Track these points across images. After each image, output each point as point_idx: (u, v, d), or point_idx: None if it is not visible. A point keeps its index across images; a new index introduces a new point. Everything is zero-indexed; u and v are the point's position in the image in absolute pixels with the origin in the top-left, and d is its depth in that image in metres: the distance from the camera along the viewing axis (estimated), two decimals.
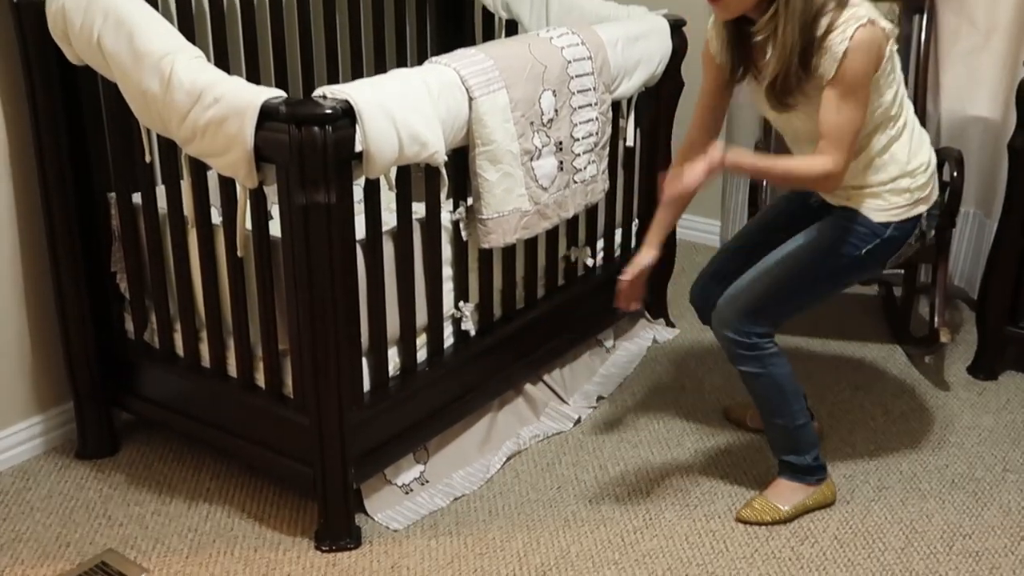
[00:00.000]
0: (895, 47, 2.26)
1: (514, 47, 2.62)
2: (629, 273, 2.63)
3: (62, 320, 2.66)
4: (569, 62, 2.68)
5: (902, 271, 3.56)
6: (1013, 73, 3.31)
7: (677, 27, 3.15)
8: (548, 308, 2.99)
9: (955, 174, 3.17)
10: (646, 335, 3.49)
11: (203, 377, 2.61)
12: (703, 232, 4.27)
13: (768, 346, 2.45)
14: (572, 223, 3.00)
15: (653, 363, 3.38)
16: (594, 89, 2.77)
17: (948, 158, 3.23)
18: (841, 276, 2.45)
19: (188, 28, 2.76)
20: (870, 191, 2.35)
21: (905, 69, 3.50)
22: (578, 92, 2.71)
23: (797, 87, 2.23)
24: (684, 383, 3.26)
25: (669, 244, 3.46)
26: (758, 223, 2.70)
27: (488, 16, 3.54)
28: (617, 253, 3.31)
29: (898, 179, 2.35)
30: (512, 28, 3.47)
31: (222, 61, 2.87)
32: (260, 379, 2.50)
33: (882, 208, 2.35)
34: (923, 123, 3.51)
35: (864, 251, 2.36)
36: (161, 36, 2.27)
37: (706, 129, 2.53)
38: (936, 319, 3.22)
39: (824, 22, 2.16)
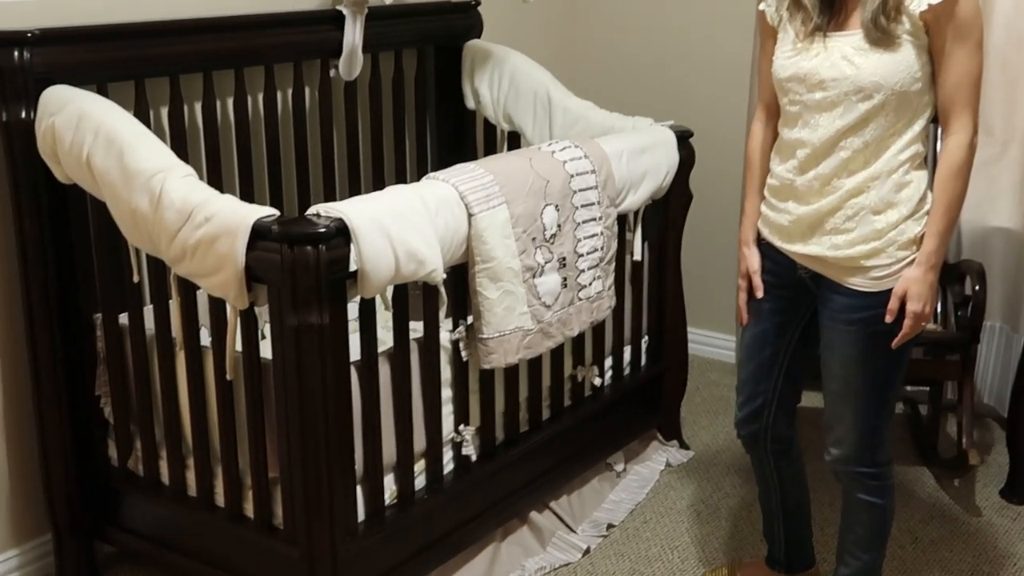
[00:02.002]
0: None
1: (515, 161, 2.68)
2: (744, 289, 2.51)
3: (42, 447, 2.67)
4: (572, 176, 2.73)
5: (927, 388, 3.56)
6: None
7: (684, 138, 3.21)
8: (554, 431, 2.98)
9: (977, 288, 3.19)
10: (659, 458, 3.48)
11: (189, 507, 2.60)
12: (718, 348, 4.28)
13: (891, 474, 2.44)
14: (578, 341, 3.02)
15: (667, 488, 3.36)
16: (598, 203, 2.81)
17: (969, 271, 3.25)
18: (903, 355, 2.33)
19: (181, 143, 2.83)
20: (874, 239, 2.22)
21: None
22: (582, 206, 2.76)
23: (898, 20, 2.13)
24: (700, 509, 3.23)
25: (681, 360, 3.49)
26: (762, 328, 2.52)
27: (490, 128, 3.62)
28: (626, 371, 3.32)
29: (909, 219, 2.23)
30: (515, 140, 3.55)
31: (215, 177, 2.93)
32: (249, 509, 2.49)
33: (887, 271, 2.24)
34: None
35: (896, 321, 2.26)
36: (152, 154, 2.33)
37: (774, 93, 2.38)
38: (964, 440, 3.20)
39: None
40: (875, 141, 2.20)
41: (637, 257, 3.17)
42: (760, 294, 2.48)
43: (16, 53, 2.45)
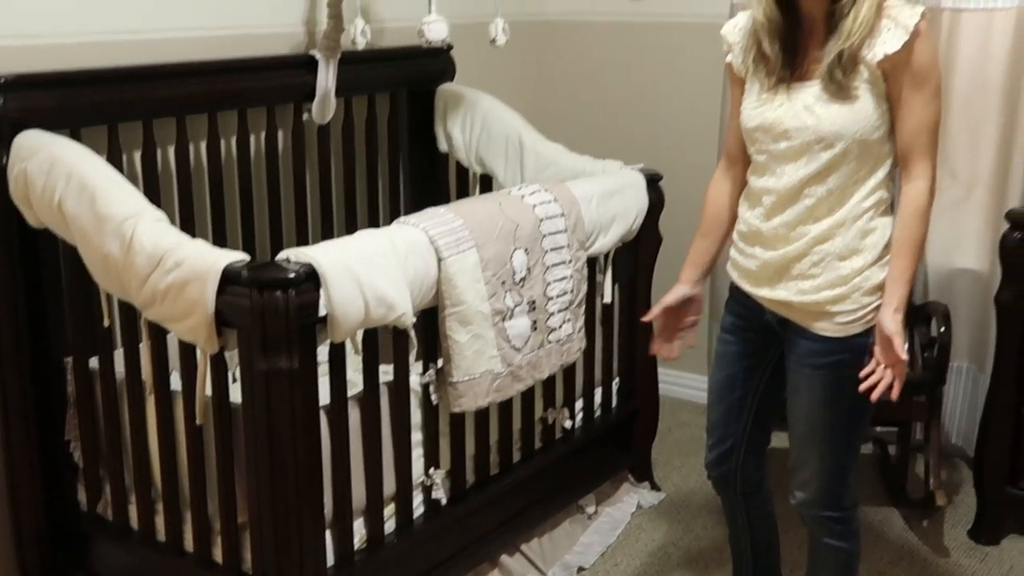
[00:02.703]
0: None
1: (485, 205, 2.71)
2: (650, 313, 2.60)
3: (11, 491, 2.66)
4: (542, 220, 2.77)
5: (895, 429, 3.60)
6: (996, 226, 3.41)
7: (653, 181, 3.25)
8: (525, 473, 3.00)
9: (942, 329, 3.24)
10: (630, 500, 3.49)
11: (158, 552, 2.60)
12: (689, 388, 4.30)
13: (857, 518, 2.47)
14: (549, 383, 3.03)
15: (638, 530, 3.37)
16: (568, 246, 2.85)
17: (935, 313, 3.30)
18: (868, 400, 2.28)
19: (154, 188, 2.85)
20: (840, 285, 2.26)
21: None
22: (551, 250, 2.79)
23: (855, 65, 2.17)
24: (670, 551, 3.24)
25: (652, 401, 3.51)
26: (731, 372, 2.55)
27: (462, 171, 3.65)
28: (597, 413, 3.34)
29: (875, 265, 2.26)
30: (487, 182, 3.58)
31: (188, 222, 2.95)
32: (218, 554, 2.49)
33: (852, 317, 2.27)
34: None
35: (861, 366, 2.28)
36: (123, 199, 2.35)
37: (743, 145, 2.42)
38: (931, 481, 3.23)
39: None
40: (839, 189, 2.24)
41: (607, 299, 3.20)
42: (648, 318, 2.59)
43: None
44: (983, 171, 3.57)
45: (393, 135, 3.62)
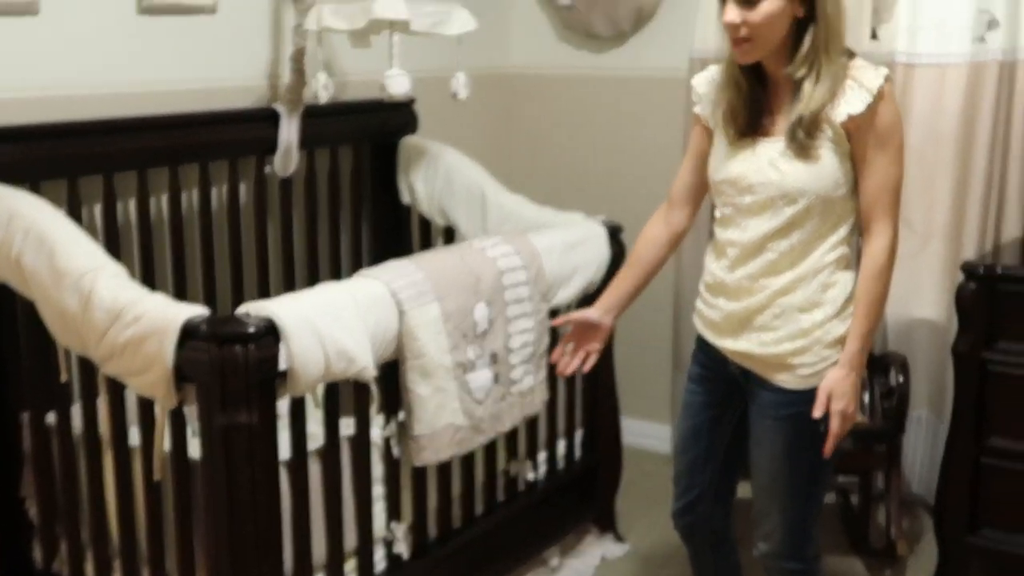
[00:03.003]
0: None
1: (446, 258, 2.72)
2: (558, 320, 2.62)
3: None
4: (503, 272, 2.78)
5: (857, 478, 3.62)
6: (952, 277, 3.46)
7: (615, 233, 3.28)
8: (488, 526, 2.99)
9: (901, 379, 3.26)
10: (594, 552, 3.47)
11: None
12: (652, 439, 4.30)
13: (820, 569, 2.47)
14: (512, 435, 3.03)
15: None
16: (530, 298, 2.86)
17: (894, 363, 3.33)
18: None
19: (115, 241, 2.84)
20: (801, 338, 2.28)
21: None
22: (513, 302, 2.80)
23: (819, 125, 2.21)
24: None
25: (615, 452, 3.51)
26: (696, 421, 2.57)
27: (425, 223, 3.67)
28: (561, 465, 3.33)
29: (835, 319, 2.29)
30: (450, 234, 3.59)
31: (149, 275, 2.94)
32: None
33: (812, 369, 2.29)
34: None
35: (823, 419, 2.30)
36: (82, 254, 2.34)
37: (690, 191, 2.50)
38: (893, 530, 3.24)
39: (842, 61, 2.22)
40: (801, 244, 2.27)
41: None
42: (555, 323, 2.63)
43: None
44: (938, 223, 3.63)
45: (356, 188, 3.63)
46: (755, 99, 2.30)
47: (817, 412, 2.26)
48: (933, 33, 3.58)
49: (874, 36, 3.63)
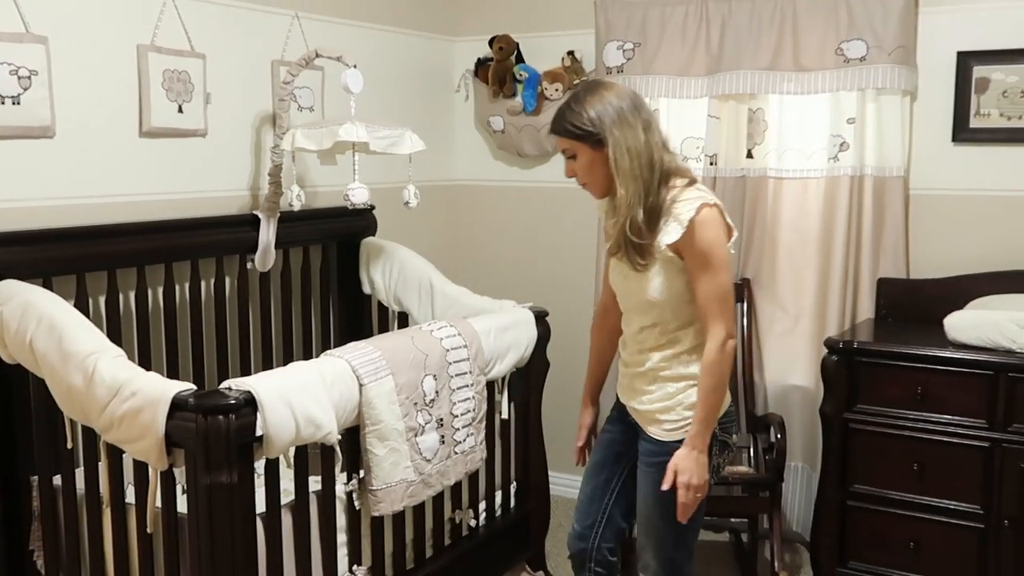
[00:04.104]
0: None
1: (399, 339, 2.70)
2: (581, 438, 2.67)
3: None
4: (448, 350, 2.76)
5: (746, 519, 3.61)
6: (819, 350, 3.50)
7: (541, 317, 3.28)
8: (436, 567, 2.92)
9: (779, 436, 3.28)
10: None
11: None
12: (575, 489, 4.23)
13: None
14: (456, 488, 2.98)
15: None
16: (471, 372, 2.84)
17: (773, 422, 3.35)
18: (699, 505, 2.36)
19: (116, 328, 2.78)
20: (667, 400, 2.34)
21: None
22: (456, 375, 2.78)
23: (647, 250, 2.25)
24: None
25: (545, 501, 3.47)
26: (602, 456, 2.57)
27: (383, 309, 3.65)
28: (498, 513, 3.28)
29: (693, 388, 2.31)
30: (404, 319, 3.58)
31: (145, 356, 2.88)
32: None
33: (674, 426, 2.33)
34: (751, 393, 3.67)
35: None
36: (86, 339, 2.29)
37: (611, 297, 2.53)
38: (776, 564, 3.23)
39: (671, 194, 2.24)
40: (666, 333, 2.35)
41: (504, 416, 3.19)
42: (580, 443, 2.67)
43: None
44: (806, 305, 3.69)
45: (324, 280, 3.61)
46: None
47: (665, 486, 2.28)
48: (796, 154, 3.69)
49: (749, 155, 3.72)
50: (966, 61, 3.38)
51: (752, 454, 3.50)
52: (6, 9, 2.56)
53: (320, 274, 3.59)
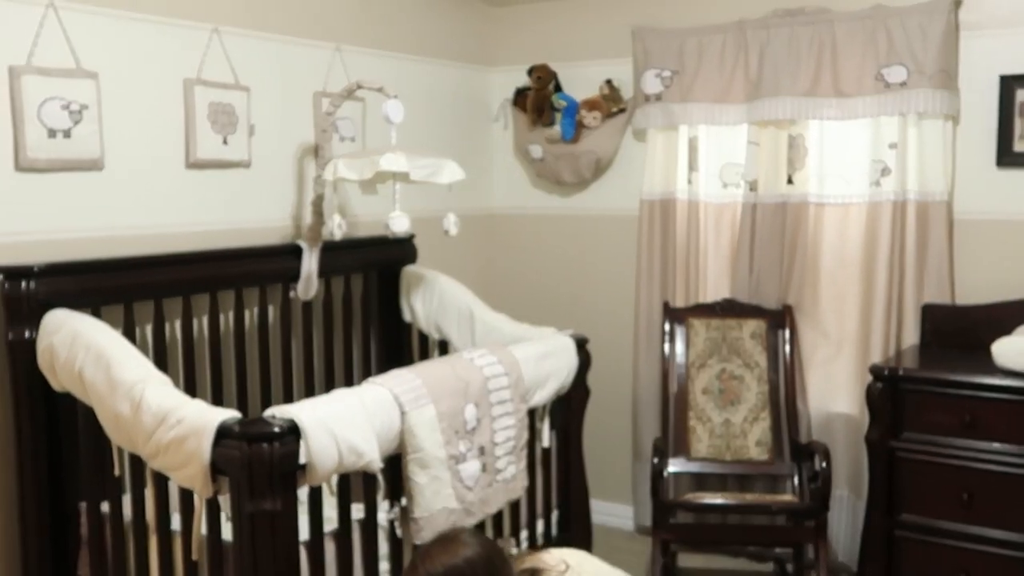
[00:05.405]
0: None
1: (440, 367, 2.71)
2: None
3: None
4: (488, 378, 2.76)
5: (791, 549, 3.55)
6: (863, 377, 3.46)
7: (581, 344, 3.27)
8: None
9: (824, 464, 3.24)
10: None
11: None
12: (617, 517, 4.23)
13: None
14: (497, 516, 2.97)
15: None
16: (511, 400, 2.84)
17: (817, 450, 3.31)
18: None
19: (162, 356, 2.82)
20: None
21: (775, 374, 3.66)
22: (497, 403, 2.78)
23: None
24: None
25: (586, 530, 3.44)
26: None
27: (423, 337, 3.66)
28: (540, 542, 3.26)
29: None
30: (444, 347, 3.58)
31: (191, 384, 2.91)
32: None
33: None
34: (794, 420, 3.63)
35: None
36: (134, 367, 2.32)
37: None
38: None
39: None
40: None
41: (546, 444, 3.18)
42: None
43: (23, 284, 2.46)
44: (849, 332, 3.65)
45: (365, 309, 3.63)
46: None
47: None
48: (838, 180, 3.66)
49: (790, 181, 3.70)
50: (1009, 84, 3.34)
51: (796, 483, 3.45)
52: (59, 46, 2.63)
53: (361, 302, 3.62)
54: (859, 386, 3.53)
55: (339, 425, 2.25)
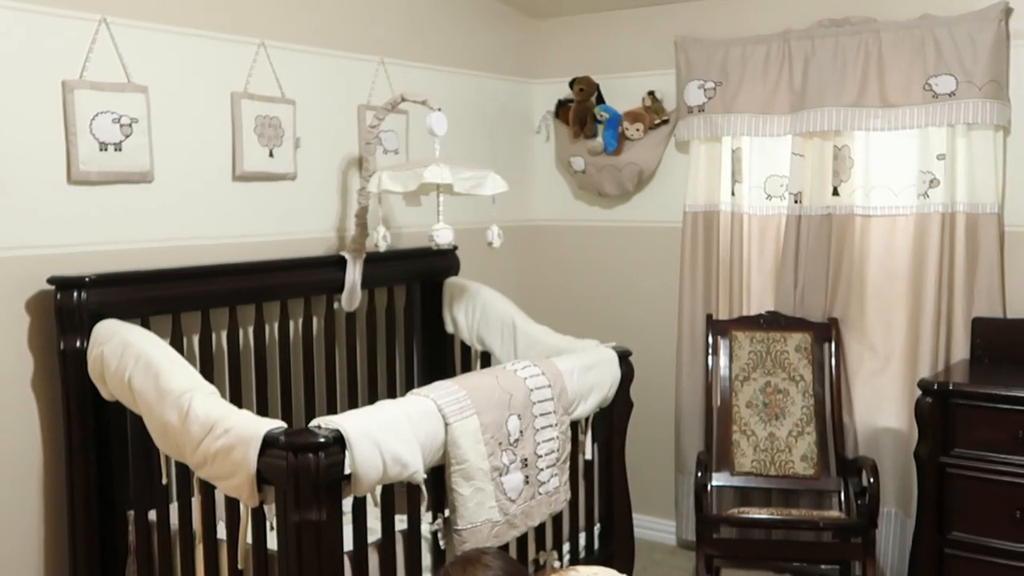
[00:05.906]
0: None
1: (484, 379, 2.71)
2: None
3: None
4: (532, 390, 2.76)
5: (838, 566, 3.50)
6: (911, 391, 3.40)
7: (624, 357, 3.25)
8: None
9: (871, 480, 3.19)
10: None
11: None
12: (660, 532, 4.20)
13: None
14: (540, 529, 2.96)
15: None
16: (554, 412, 2.83)
17: (864, 466, 3.25)
18: None
19: (209, 365, 2.84)
20: None
21: (821, 388, 3.61)
22: (540, 415, 2.77)
23: None
24: None
25: (629, 543, 3.41)
26: None
27: (465, 349, 3.66)
28: (582, 555, 3.24)
29: None
30: (486, 359, 3.58)
31: (236, 394, 2.94)
32: None
33: None
34: (841, 435, 3.57)
35: None
36: (182, 376, 2.34)
37: None
38: None
39: None
40: None
41: (588, 456, 3.16)
42: None
43: (75, 294, 2.50)
44: (897, 346, 3.59)
45: (408, 320, 3.64)
46: None
47: None
48: (884, 191, 3.61)
49: (836, 193, 3.66)
50: None
51: (843, 498, 3.40)
52: (110, 61, 2.67)
53: (404, 313, 3.63)
54: (907, 401, 3.47)
55: (384, 436, 2.26)
